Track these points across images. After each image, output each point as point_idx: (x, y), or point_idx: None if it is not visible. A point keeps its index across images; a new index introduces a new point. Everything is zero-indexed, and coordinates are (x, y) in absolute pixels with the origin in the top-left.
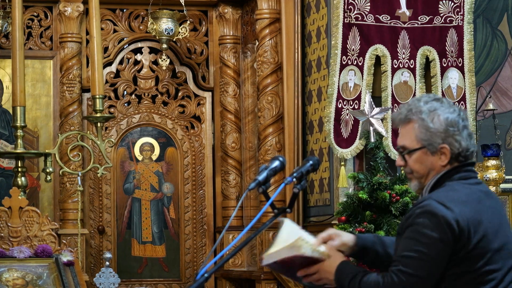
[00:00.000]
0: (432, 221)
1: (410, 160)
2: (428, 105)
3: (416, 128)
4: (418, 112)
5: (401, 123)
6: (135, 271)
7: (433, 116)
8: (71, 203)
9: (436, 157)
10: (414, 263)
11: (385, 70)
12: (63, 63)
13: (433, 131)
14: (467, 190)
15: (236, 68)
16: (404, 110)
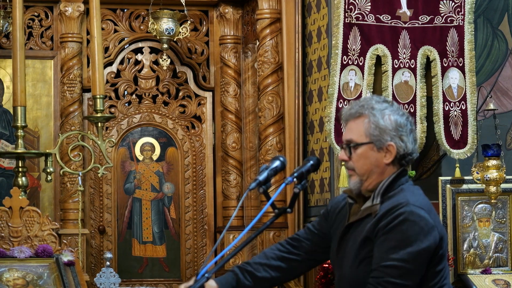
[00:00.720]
0: (417, 228)
1: (355, 155)
2: (380, 105)
3: (366, 123)
4: (370, 108)
5: (351, 117)
6: (136, 271)
7: (384, 114)
8: (71, 203)
9: (381, 154)
10: (402, 273)
11: (386, 70)
12: (63, 63)
13: (383, 128)
14: (421, 192)
15: (237, 68)
16: (355, 105)
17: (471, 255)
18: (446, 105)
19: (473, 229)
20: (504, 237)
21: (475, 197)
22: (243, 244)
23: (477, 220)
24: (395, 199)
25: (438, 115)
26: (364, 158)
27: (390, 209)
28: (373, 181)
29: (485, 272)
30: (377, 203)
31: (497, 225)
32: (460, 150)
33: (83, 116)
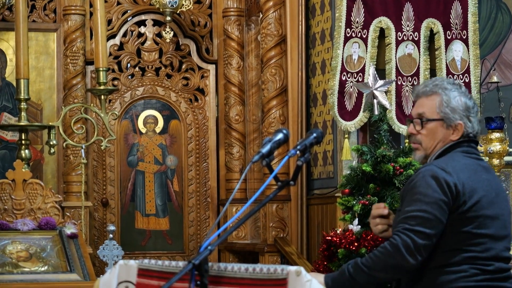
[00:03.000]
0: (433, 183)
1: (425, 129)
2: (452, 86)
3: (438, 100)
4: (444, 88)
5: (424, 94)
6: (139, 244)
7: (455, 95)
8: (74, 176)
9: (449, 131)
10: (420, 221)
11: (389, 43)
12: (66, 36)
13: (454, 107)
14: (466, 161)
15: (240, 40)
16: (430, 84)
17: None
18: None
19: None
20: None
21: None
22: (246, 217)
23: None
24: (429, 162)
25: None
26: (433, 133)
27: (416, 170)
28: (434, 150)
29: None
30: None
31: None
32: None
33: (86, 89)
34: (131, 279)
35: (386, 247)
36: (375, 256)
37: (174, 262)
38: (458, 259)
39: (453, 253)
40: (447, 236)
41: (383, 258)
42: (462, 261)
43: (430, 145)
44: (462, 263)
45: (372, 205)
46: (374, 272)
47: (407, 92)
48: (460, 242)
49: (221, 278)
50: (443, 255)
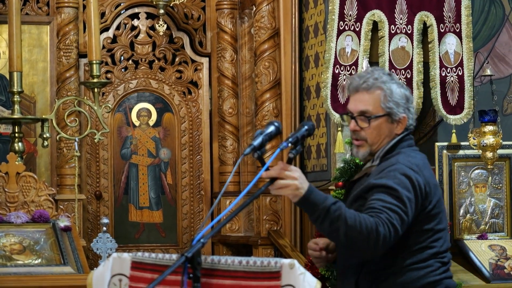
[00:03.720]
0: (408, 183)
1: (370, 126)
2: (388, 77)
3: (382, 95)
4: (384, 82)
5: (364, 89)
6: (132, 236)
7: (395, 87)
8: (68, 169)
9: (394, 125)
10: (398, 218)
11: (383, 36)
12: (59, 29)
13: (397, 101)
14: (419, 156)
15: (233, 33)
16: (368, 78)
17: (467, 221)
18: (442, 70)
19: (470, 194)
20: (500, 203)
21: (471, 163)
22: (238, 209)
23: (474, 185)
24: (390, 160)
25: (435, 81)
26: (379, 129)
27: (380, 167)
28: (381, 145)
29: (481, 237)
30: (375, 164)
31: (493, 190)
32: (456, 116)
33: (80, 82)
34: (125, 272)
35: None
36: (359, 223)
37: (168, 255)
38: (425, 256)
39: (420, 251)
40: (414, 235)
41: (361, 232)
42: (428, 258)
43: (376, 141)
44: (428, 259)
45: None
46: (345, 231)
47: None
48: (426, 239)
49: (214, 271)
50: (411, 254)
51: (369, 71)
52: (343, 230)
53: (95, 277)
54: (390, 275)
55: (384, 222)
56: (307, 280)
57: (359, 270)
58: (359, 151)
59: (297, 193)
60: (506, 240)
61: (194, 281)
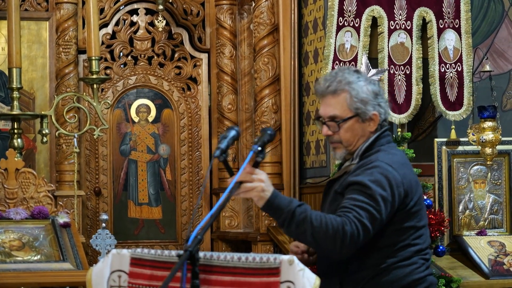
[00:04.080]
0: (384, 181)
1: (342, 129)
2: (354, 77)
3: (348, 97)
4: (348, 83)
5: (330, 94)
6: (132, 233)
7: (362, 86)
8: (67, 165)
9: (366, 124)
10: (369, 216)
11: (382, 32)
12: (59, 25)
13: (364, 99)
14: (399, 153)
15: (233, 29)
16: (332, 81)
17: (467, 217)
18: (442, 66)
19: (469, 190)
20: (499, 199)
21: (470, 159)
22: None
23: (473, 181)
24: (370, 158)
25: (434, 77)
26: (351, 131)
27: (360, 165)
28: (357, 145)
29: (481, 233)
30: (355, 163)
31: (493, 186)
32: (455, 112)
33: (79, 78)
34: (124, 268)
35: (337, 227)
36: (325, 224)
37: (167, 251)
38: (408, 253)
39: (403, 249)
40: (397, 232)
41: (327, 232)
42: (412, 255)
43: (351, 141)
44: (412, 256)
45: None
46: (312, 232)
47: (399, 81)
48: (409, 237)
49: (213, 267)
50: (395, 252)
51: (333, 73)
52: (310, 231)
53: (94, 274)
54: (376, 275)
55: (351, 221)
56: (306, 276)
57: (344, 269)
58: (336, 152)
59: (263, 196)
60: (505, 236)
61: (193, 277)
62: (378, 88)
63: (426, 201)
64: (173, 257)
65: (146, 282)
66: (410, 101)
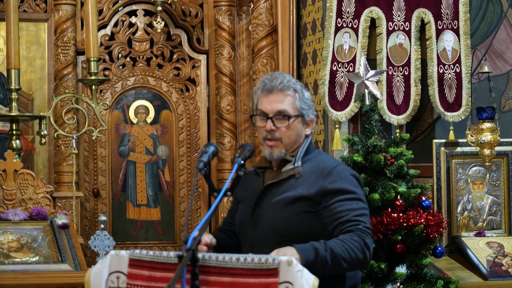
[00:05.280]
0: (355, 181)
1: (289, 126)
2: (296, 81)
3: (297, 97)
4: (296, 84)
5: (280, 91)
6: (130, 234)
7: (304, 91)
8: (66, 166)
9: (304, 127)
10: (367, 220)
11: (380, 33)
12: (57, 26)
13: (308, 104)
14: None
15: (231, 30)
16: (282, 80)
17: (465, 218)
18: (440, 67)
19: (467, 192)
20: (498, 200)
21: (469, 160)
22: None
23: (471, 182)
24: (319, 160)
25: (433, 78)
26: (293, 130)
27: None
28: (293, 148)
29: (479, 234)
30: (299, 165)
31: (491, 187)
32: (454, 113)
33: (77, 79)
34: (122, 269)
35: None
36: (352, 251)
37: (165, 252)
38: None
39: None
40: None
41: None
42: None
43: (291, 141)
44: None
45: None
46: (347, 266)
47: (398, 82)
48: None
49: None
50: None
51: (277, 74)
52: (344, 265)
53: (92, 275)
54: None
55: (365, 233)
56: (305, 277)
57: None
58: (273, 152)
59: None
60: (504, 237)
61: (192, 278)
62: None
63: (424, 202)
64: (172, 258)
65: (144, 283)
66: (409, 102)
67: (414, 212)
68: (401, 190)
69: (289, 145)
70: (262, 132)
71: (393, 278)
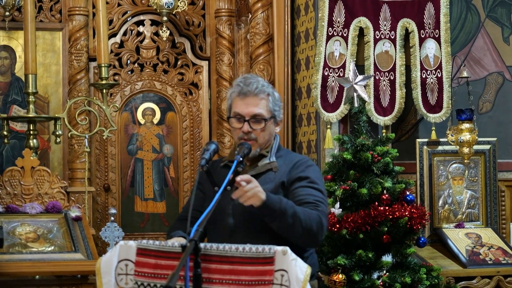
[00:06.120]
0: (321, 176)
1: (262, 128)
2: (268, 85)
3: (270, 100)
4: (268, 88)
5: (256, 95)
6: (138, 226)
7: (276, 93)
8: (79, 163)
9: (274, 127)
10: (325, 208)
11: (368, 41)
12: (71, 35)
13: (279, 104)
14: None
15: (231, 39)
16: (258, 84)
17: (446, 211)
18: (423, 73)
19: (448, 187)
20: (476, 194)
21: (449, 158)
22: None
23: (451, 178)
24: (291, 156)
25: (416, 82)
26: (267, 131)
27: (297, 162)
28: (266, 145)
29: (459, 226)
30: (274, 160)
31: (470, 183)
32: (436, 114)
33: (89, 83)
34: (131, 258)
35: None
36: (309, 217)
37: (170, 242)
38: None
39: None
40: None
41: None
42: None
43: (265, 141)
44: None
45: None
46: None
47: (384, 86)
48: None
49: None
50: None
51: (251, 79)
52: (299, 224)
53: (103, 263)
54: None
55: (323, 214)
56: (298, 266)
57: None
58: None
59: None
60: (481, 228)
61: (195, 266)
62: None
63: (408, 196)
64: (176, 248)
65: (151, 271)
66: (394, 105)
67: (399, 206)
68: (387, 185)
69: (263, 144)
70: (238, 132)
71: (379, 266)
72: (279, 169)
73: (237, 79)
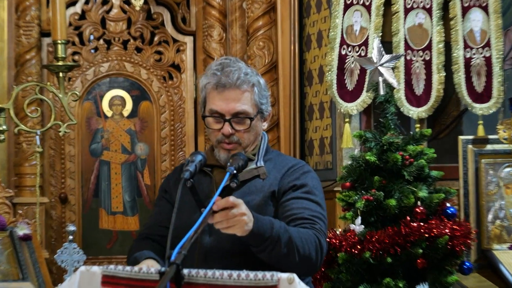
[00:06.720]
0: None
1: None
2: (252, 70)
3: (256, 92)
4: (253, 75)
5: (236, 86)
6: (104, 246)
7: (259, 79)
8: (28, 167)
9: (262, 122)
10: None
11: (397, 11)
12: (18, 3)
13: (266, 95)
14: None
15: (222, 8)
16: (239, 72)
17: (497, 228)
18: (467, 51)
19: (499, 197)
20: None
21: (501, 160)
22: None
23: (504, 186)
24: (283, 160)
25: (458, 64)
26: (252, 130)
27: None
28: (252, 146)
29: None
30: (262, 165)
31: None
32: (483, 105)
33: (42, 65)
34: None
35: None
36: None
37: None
38: None
39: None
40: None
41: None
42: None
43: (250, 142)
44: None
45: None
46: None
47: (417, 68)
48: None
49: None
50: None
51: (231, 65)
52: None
53: None
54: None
55: (321, 233)
56: None
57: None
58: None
59: (247, 228)
60: None
61: None
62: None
63: (449, 209)
64: (152, 275)
65: None
66: (430, 92)
67: (437, 221)
68: (421, 195)
69: (248, 146)
70: (217, 134)
71: None
72: (268, 175)
73: (212, 65)
